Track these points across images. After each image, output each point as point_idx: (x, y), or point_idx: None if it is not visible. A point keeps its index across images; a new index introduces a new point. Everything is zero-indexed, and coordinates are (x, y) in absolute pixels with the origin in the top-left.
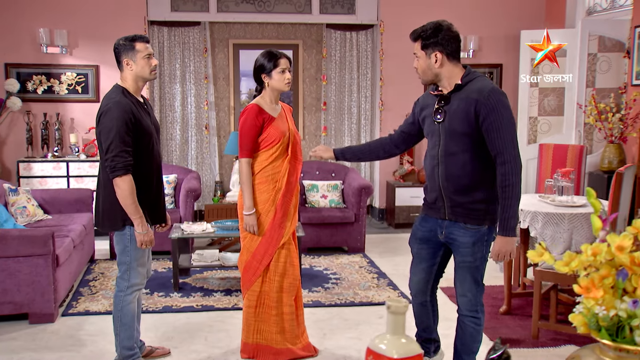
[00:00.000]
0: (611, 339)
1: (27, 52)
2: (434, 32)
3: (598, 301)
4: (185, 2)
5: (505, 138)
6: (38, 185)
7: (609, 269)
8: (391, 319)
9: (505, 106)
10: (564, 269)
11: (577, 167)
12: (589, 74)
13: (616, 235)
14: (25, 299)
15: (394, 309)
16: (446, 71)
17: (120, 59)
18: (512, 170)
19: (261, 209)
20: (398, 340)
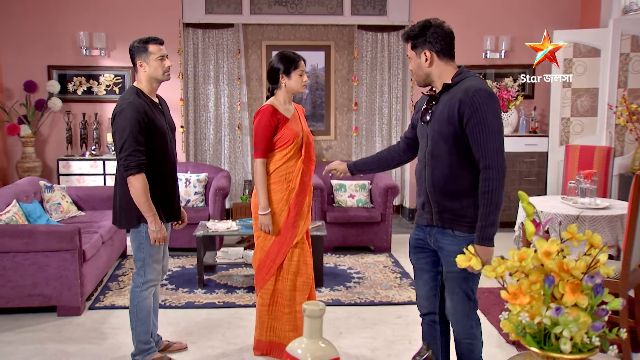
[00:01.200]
0: (539, 346)
1: (68, 55)
2: (421, 30)
3: (524, 308)
4: (219, 4)
5: (489, 141)
6: (76, 183)
7: (538, 275)
8: (307, 322)
9: (490, 107)
10: (491, 274)
11: (604, 169)
12: (621, 74)
13: (544, 241)
14: (54, 292)
15: (310, 312)
16: (436, 70)
17: (134, 61)
18: (494, 176)
19: (275, 208)
20: (315, 344)
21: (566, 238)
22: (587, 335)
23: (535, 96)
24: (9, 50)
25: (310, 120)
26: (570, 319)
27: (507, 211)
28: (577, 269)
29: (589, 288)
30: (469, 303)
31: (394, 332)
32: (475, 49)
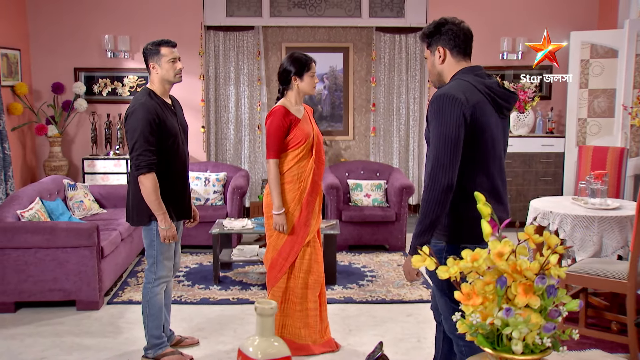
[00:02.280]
0: (492, 347)
1: (93, 57)
2: (436, 27)
3: (477, 308)
4: (239, 7)
5: (433, 149)
6: (100, 181)
7: (492, 276)
8: (259, 320)
9: (442, 113)
10: (444, 275)
11: (617, 170)
12: (636, 74)
13: (498, 242)
14: (73, 287)
15: (260, 310)
16: (448, 69)
17: (147, 63)
18: (427, 186)
19: (288, 208)
20: (266, 341)
21: (523, 239)
22: (539, 336)
23: (553, 97)
24: (38, 53)
25: (329, 121)
26: (520, 320)
27: (520, 212)
28: (530, 270)
29: (541, 289)
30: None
31: (403, 330)
32: (492, 51)
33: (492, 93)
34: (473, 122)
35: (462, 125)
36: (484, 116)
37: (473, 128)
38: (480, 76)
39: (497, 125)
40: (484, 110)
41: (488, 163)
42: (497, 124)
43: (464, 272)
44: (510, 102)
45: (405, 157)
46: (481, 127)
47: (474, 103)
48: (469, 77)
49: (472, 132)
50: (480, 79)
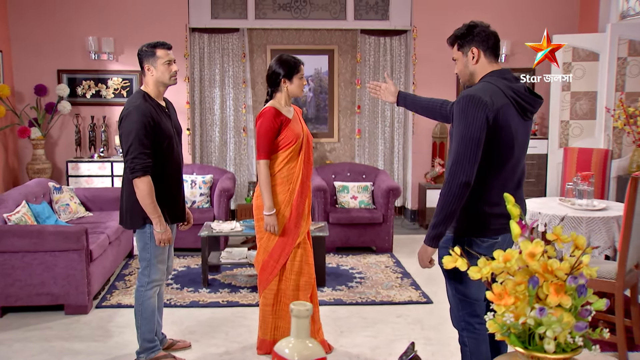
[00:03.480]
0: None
1: (77, 59)
2: (468, 29)
3: (509, 308)
4: (224, 9)
5: (455, 146)
6: (85, 184)
7: (523, 276)
8: (294, 322)
9: (467, 114)
10: (476, 275)
11: (602, 171)
12: (618, 77)
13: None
14: (61, 291)
15: (297, 312)
16: (480, 69)
17: (142, 65)
18: (446, 180)
19: (279, 209)
20: (302, 343)
21: (551, 239)
22: (571, 335)
23: None
24: (20, 54)
25: (314, 123)
26: (553, 320)
27: None
28: (561, 270)
29: (572, 289)
30: (455, 301)
31: (394, 332)
32: None
33: (518, 97)
34: (495, 124)
35: (484, 126)
36: (506, 119)
37: (494, 130)
38: (509, 80)
39: (519, 127)
40: (507, 114)
41: (503, 163)
42: (519, 126)
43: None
44: (535, 106)
45: (390, 159)
46: (502, 130)
47: (499, 106)
48: (497, 81)
49: (493, 133)
50: (508, 83)
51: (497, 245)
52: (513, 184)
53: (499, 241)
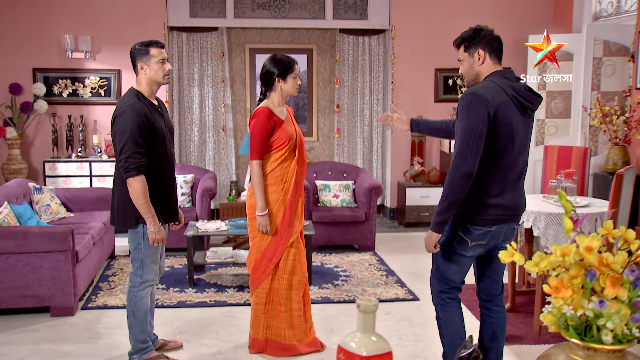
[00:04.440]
0: (580, 337)
1: (53, 58)
2: (475, 32)
3: (567, 301)
4: (203, 8)
5: (458, 140)
6: (63, 184)
7: (578, 270)
8: (361, 317)
9: (469, 109)
10: (534, 269)
11: (582, 169)
12: (594, 77)
13: (585, 236)
14: (47, 293)
15: (364, 307)
16: (485, 70)
17: (135, 63)
18: (450, 171)
19: (272, 209)
20: (368, 338)
21: (602, 234)
22: (627, 327)
23: None
24: None
25: None
26: (612, 311)
27: None
28: (616, 263)
29: (628, 281)
30: (436, 279)
31: (384, 329)
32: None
33: (518, 95)
34: (495, 120)
35: (486, 121)
36: (506, 115)
37: (495, 125)
38: (510, 79)
39: (519, 123)
40: (507, 110)
41: (503, 157)
42: (520, 122)
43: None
44: (535, 104)
45: (369, 157)
46: (502, 125)
47: (499, 103)
48: (498, 80)
49: (493, 128)
50: (509, 82)
51: (490, 234)
52: (514, 177)
53: (493, 230)
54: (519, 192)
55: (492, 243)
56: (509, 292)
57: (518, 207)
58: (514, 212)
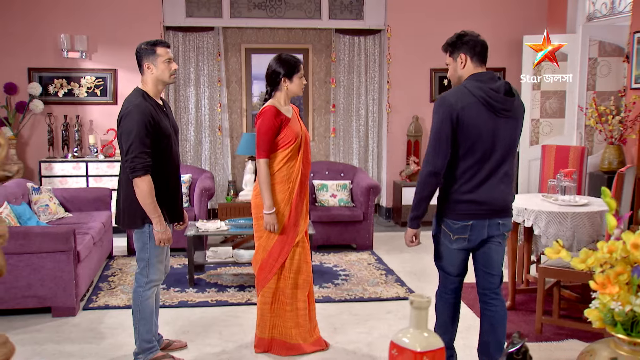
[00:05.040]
0: (626, 333)
1: (48, 57)
2: (458, 37)
3: (614, 297)
4: (199, 8)
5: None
6: (59, 185)
7: (624, 266)
8: (415, 314)
9: (436, 113)
10: (580, 265)
11: (579, 168)
12: (589, 77)
13: (631, 233)
14: (49, 293)
15: (417, 304)
16: (466, 73)
17: (141, 63)
18: (421, 172)
19: (278, 208)
20: (421, 334)
21: None
22: None
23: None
24: None
25: None
26: None
27: None
28: None
29: None
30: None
31: (387, 328)
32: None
33: (486, 96)
34: (459, 122)
35: (448, 123)
36: (471, 116)
37: (459, 126)
38: (482, 81)
39: (490, 124)
40: (472, 112)
41: (471, 155)
42: (492, 123)
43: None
44: (506, 104)
45: (364, 157)
46: (467, 126)
47: (463, 106)
48: (469, 83)
49: (459, 129)
50: (480, 84)
51: (469, 228)
52: (489, 174)
53: (471, 225)
54: (499, 189)
55: (477, 237)
56: (509, 291)
57: (497, 204)
58: (491, 209)
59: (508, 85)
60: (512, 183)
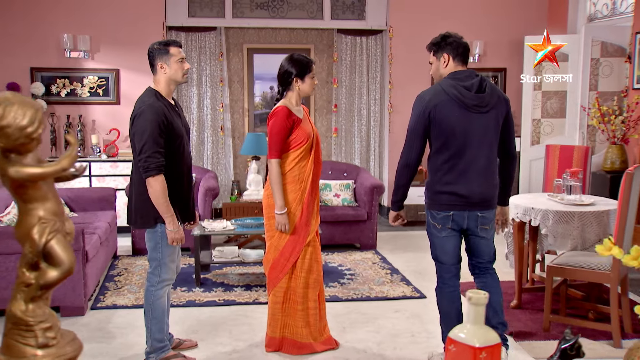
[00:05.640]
0: None
1: (51, 57)
2: (442, 38)
3: None
4: (201, 8)
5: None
6: (61, 184)
7: None
8: (472, 310)
9: (413, 110)
10: (633, 262)
11: (583, 168)
12: (591, 77)
13: None
14: (58, 293)
15: (475, 300)
16: (447, 72)
17: (154, 63)
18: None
19: (290, 208)
20: (478, 330)
21: None
22: None
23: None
24: None
25: None
26: None
27: None
28: None
29: None
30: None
31: (395, 326)
32: None
33: (459, 94)
34: (431, 118)
35: (422, 119)
36: (443, 113)
37: (433, 122)
38: (457, 79)
39: (462, 120)
40: (444, 109)
41: (446, 149)
42: (464, 119)
43: None
44: (477, 100)
45: (366, 157)
46: (440, 121)
47: (435, 103)
48: (444, 82)
49: (432, 125)
50: (454, 82)
51: (450, 218)
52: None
53: (451, 214)
54: (477, 182)
55: (459, 227)
56: (516, 289)
57: (474, 196)
58: (471, 201)
59: (486, 82)
60: (494, 176)
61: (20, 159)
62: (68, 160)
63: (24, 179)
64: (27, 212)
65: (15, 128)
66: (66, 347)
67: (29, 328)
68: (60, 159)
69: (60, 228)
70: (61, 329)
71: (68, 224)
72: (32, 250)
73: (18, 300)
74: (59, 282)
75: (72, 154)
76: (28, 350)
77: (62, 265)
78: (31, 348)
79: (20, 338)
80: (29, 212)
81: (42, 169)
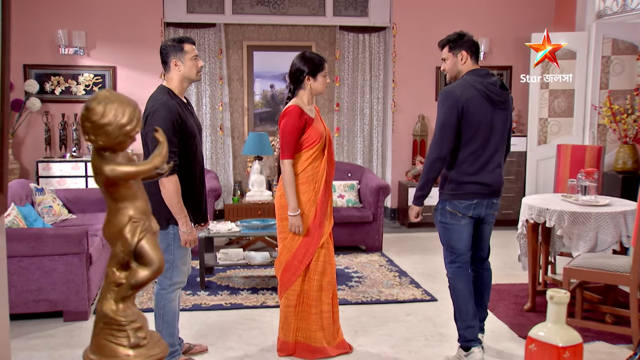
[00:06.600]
0: None
1: (45, 54)
2: (459, 36)
3: None
4: (200, 4)
5: (435, 130)
6: (57, 185)
7: None
8: (554, 309)
9: (442, 105)
10: None
11: (596, 168)
12: (602, 75)
13: None
14: (60, 297)
15: (557, 299)
16: (465, 69)
17: (167, 60)
18: (427, 155)
19: (303, 209)
20: (560, 329)
21: None
22: None
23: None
24: None
25: None
26: None
27: (509, 209)
28: None
29: None
30: (446, 251)
31: (408, 330)
32: None
33: (486, 90)
34: (464, 112)
35: (455, 113)
36: (474, 108)
37: (464, 116)
38: (481, 76)
39: (488, 114)
40: (475, 103)
41: (473, 142)
42: (490, 113)
43: None
44: (502, 97)
45: (368, 157)
46: (471, 115)
47: (467, 98)
48: (470, 77)
49: (464, 118)
50: (480, 79)
51: (473, 206)
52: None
53: (474, 203)
54: (496, 173)
55: (476, 215)
56: (529, 292)
57: (495, 185)
58: (491, 190)
59: (500, 81)
60: (502, 169)
61: (114, 157)
62: (160, 158)
63: (119, 178)
64: (118, 211)
65: (115, 126)
66: (155, 348)
67: (121, 328)
68: (151, 157)
69: (149, 227)
70: (149, 330)
71: (154, 223)
72: (124, 249)
73: (108, 299)
74: (149, 281)
75: (162, 153)
76: (120, 350)
77: (152, 264)
78: (124, 348)
79: (112, 338)
80: (120, 211)
81: (136, 167)
